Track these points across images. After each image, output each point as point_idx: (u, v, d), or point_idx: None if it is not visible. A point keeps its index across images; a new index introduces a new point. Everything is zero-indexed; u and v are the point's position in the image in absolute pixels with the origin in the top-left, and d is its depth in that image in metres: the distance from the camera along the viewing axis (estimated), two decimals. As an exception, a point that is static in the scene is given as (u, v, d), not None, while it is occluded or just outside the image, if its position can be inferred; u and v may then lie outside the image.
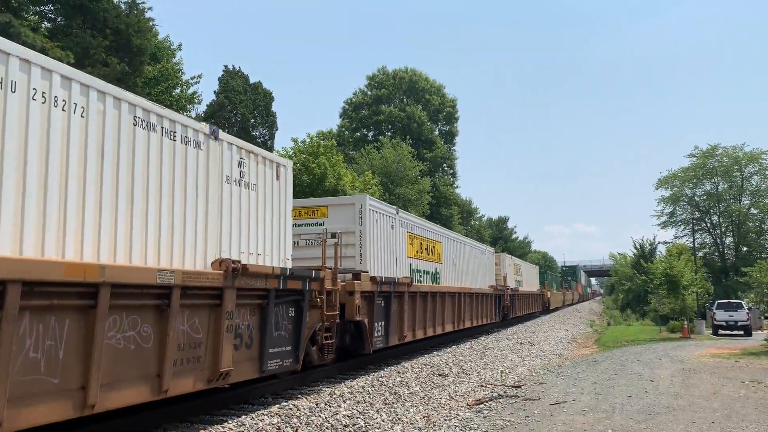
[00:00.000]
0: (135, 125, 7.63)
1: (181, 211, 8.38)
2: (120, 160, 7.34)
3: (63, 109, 6.64)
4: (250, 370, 9.53)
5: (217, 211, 9.14)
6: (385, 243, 15.98)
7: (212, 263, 8.81)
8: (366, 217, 14.73)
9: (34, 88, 6.30)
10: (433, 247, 20.12)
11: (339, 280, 12.65)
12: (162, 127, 8.11)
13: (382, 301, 15.05)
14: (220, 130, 9.52)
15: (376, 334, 14.72)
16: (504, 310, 30.86)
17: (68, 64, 19.17)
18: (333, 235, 12.93)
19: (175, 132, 8.36)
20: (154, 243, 7.81)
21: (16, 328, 5.79)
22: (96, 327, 6.57)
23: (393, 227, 16.58)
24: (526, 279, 40.78)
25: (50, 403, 6.18)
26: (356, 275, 13.80)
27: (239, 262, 8.97)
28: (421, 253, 18.82)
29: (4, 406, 5.63)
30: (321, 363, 12.53)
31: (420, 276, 18.46)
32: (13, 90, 6.10)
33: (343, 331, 13.58)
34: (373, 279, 14.34)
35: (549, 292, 52.04)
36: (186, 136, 8.57)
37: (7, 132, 5.99)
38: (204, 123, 9.17)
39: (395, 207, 17.69)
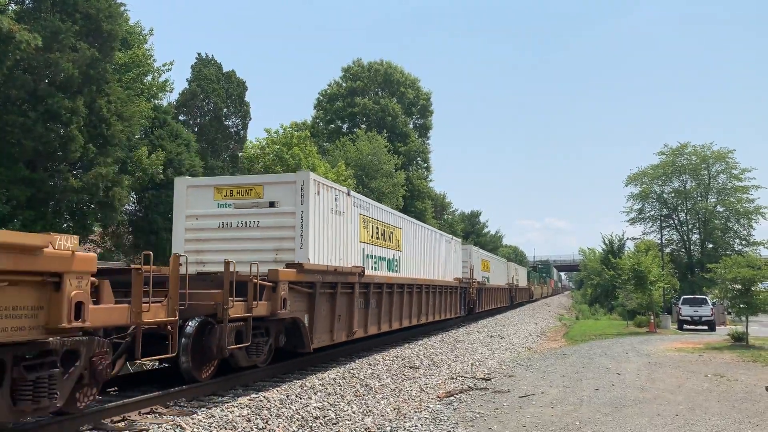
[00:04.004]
0: (446, 242, 26.03)
1: (443, 261, 24.79)
2: (436, 249, 23.92)
3: (435, 240, 24.32)
4: (458, 312, 27.01)
5: (453, 259, 26.71)
6: (477, 265, 33.42)
7: (454, 278, 26.25)
8: (473, 254, 32.61)
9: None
10: (488, 263, 38.49)
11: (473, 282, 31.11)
12: (444, 239, 25.78)
13: (477, 292, 32.01)
14: (452, 236, 28.05)
15: (478, 304, 32.20)
16: (511, 298, 48.81)
17: (35, 47, 18.73)
18: (465, 263, 30.31)
19: (444, 239, 25.80)
20: (443, 271, 24.53)
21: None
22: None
23: (478, 257, 34.58)
24: (521, 277, 57.70)
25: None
26: (473, 281, 30.90)
27: (460, 278, 27.20)
28: (484, 269, 36.30)
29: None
30: (465, 314, 29.24)
31: (485, 279, 35.76)
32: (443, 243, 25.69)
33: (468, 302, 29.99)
34: (478, 283, 32.59)
35: (533, 287, 68.65)
36: (447, 240, 26.11)
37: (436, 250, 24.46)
38: (450, 235, 27.97)
39: (472, 245, 40.46)
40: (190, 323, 9.58)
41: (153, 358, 8.79)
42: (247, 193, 13.02)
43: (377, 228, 16.89)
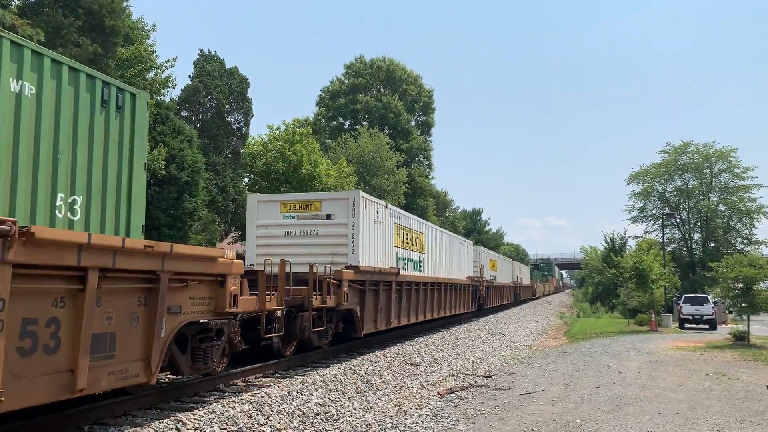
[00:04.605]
0: (460, 244, 29.11)
1: (458, 262, 27.68)
2: (452, 251, 26.72)
3: (451, 243, 27.38)
4: (470, 308, 30.12)
5: (466, 260, 29.67)
6: (486, 264, 36.39)
7: (467, 277, 29.06)
8: (482, 255, 35.42)
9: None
10: (495, 262, 41.22)
11: (483, 281, 33.72)
12: (458, 241, 28.96)
13: (486, 289, 34.64)
14: (465, 239, 32.13)
15: (487, 300, 34.99)
16: (516, 295, 51.68)
17: (38, 42, 18.70)
18: (475, 263, 32.95)
19: (459, 241, 29.04)
20: (458, 270, 27.25)
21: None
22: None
23: (486, 258, 37.35)
24: (525, 276, 59.38)
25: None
26: (483, 279, 33.52)
27: (471, 277, 30.04)
28: (491, 268, 39.07)
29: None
30: (476, 310, 32.03)
31: (492, 278, 38.51)
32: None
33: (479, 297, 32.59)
34: (487, 281, 35.41)
35: (535, 285, 71.10)
36: (461, 242, 29.39)
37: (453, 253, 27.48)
38: (463, 237, 32.45)
39: (483, 246, 42.47)
40: (278, 312, 11.79)
41: (272, 335, 11.65)
42: (308, 207, 15.88)
43: (407, 234, 19.85)
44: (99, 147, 7.84)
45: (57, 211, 7.14)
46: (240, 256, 12.44)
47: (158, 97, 29.77)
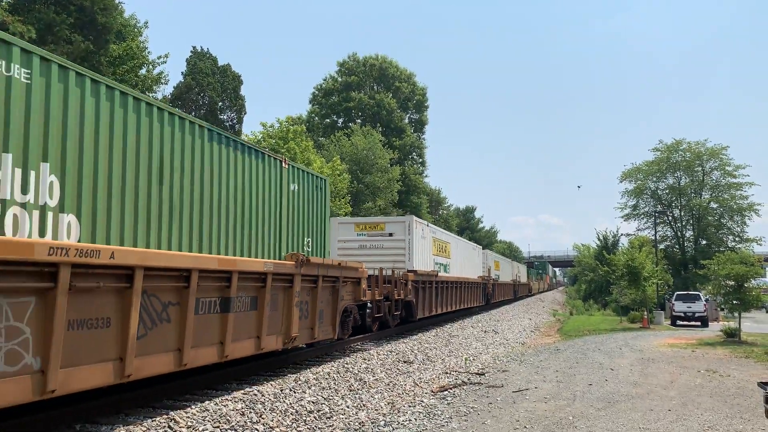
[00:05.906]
0: (472, 249, 35.60)
1: (472, 264, 33.56)
2: (467, 255, 32.61)
3: (467, 248, 34.07)
4: (480, 302, 35.83)
5: (477, 262, 35.38)
6: (492, 265, 40.98)
7: (478, 276, 34.59)
8: (488, 257, 40.32)
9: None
10: (498, 263, 45.81)
11: (490, 279, 39.82)
12: (471, 247, 35.29)
13: (492, 286, 39.60)
14: (476, 244, 38.66)
15: (493, 295, 40.11)
16: (515, 292, 56.14)
17: (29, 40, 18.57)
18: (483, 265, 38.22)
19: (472, 247, 35.35)
20: (472, 271, 33.04)
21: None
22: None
23: (492, 259, 41.22)
24: (522, 274, 65.92)
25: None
26: (490, 278, 38.58)
27: (482, 276, 36.18)
28: (496, 268, 43.29)
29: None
30: (487, 302, 37.94)
31: (497, 277, 42.45)
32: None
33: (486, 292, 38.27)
34: (493, 279, 40.56)
35: (531, 282, 77.29)
36: (473, 248, 35.59)
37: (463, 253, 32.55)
38: (474, 243, 39.26)
39: (482, 247, 43.37)
40: (369, 302, 17.10)
41: (377, 315, 17.82)
42: (375, 227, 21.79)
43: (439, 244, 25.69)
44: (315, 210, 13.92)
45: (304, 246, 13.22)
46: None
47: (151, 94, 29.65)
